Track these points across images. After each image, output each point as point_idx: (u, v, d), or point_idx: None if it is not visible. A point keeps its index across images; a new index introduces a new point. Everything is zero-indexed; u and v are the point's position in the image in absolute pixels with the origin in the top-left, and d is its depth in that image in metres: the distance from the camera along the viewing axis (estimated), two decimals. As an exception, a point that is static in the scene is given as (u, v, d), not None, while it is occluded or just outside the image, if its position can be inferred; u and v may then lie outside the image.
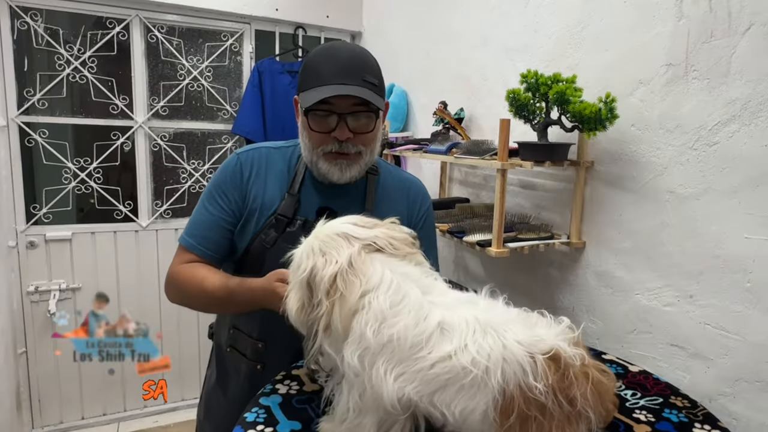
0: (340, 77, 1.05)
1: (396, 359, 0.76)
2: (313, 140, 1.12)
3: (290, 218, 1.14)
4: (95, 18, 2.45)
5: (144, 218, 2.65)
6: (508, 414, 0.73)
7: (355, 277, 0.81)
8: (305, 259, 0.86)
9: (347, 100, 1.06)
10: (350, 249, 0.83)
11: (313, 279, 0.83)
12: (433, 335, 0.77)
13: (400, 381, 0.75)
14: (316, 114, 1.08)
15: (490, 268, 1.92)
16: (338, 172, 1.12)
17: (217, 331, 1.33)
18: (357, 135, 1.10)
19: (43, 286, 2.47)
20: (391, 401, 0.75)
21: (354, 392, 0.80)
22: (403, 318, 0.77)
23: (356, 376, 0.78)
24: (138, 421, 2.71)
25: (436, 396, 0.75)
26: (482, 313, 0.81)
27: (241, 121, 2.65)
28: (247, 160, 1.18)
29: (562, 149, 1.43)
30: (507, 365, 0.74)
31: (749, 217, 1.09)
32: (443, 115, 2.03)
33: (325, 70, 1.06)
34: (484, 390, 0.74)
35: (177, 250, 1.19)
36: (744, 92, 1.09)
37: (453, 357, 0.75)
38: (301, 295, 0.85)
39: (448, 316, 0.79)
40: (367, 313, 0.78)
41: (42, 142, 2.40)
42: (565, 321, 0.84)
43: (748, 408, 1.11)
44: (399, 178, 1.31)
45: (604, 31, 1.42)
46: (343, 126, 1.08)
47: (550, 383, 0.74)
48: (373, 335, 0.76)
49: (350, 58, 1.09)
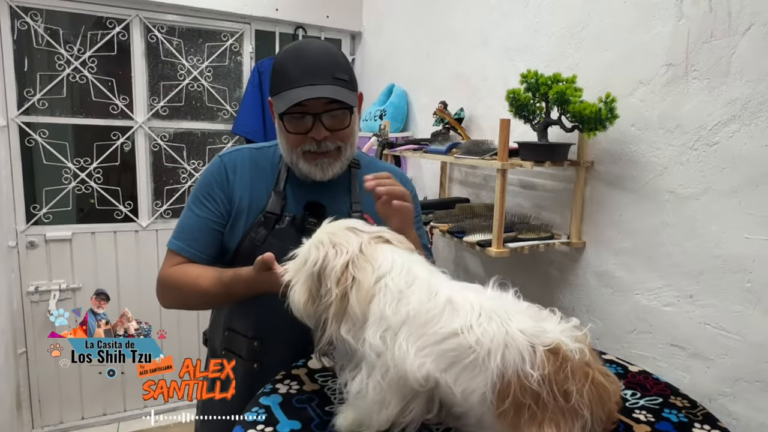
0: (310, 77, 1.06)
1: (415, 334, 0.79)
2: (291, 142, 1.13)
3: (279, 215, 1.15)
4: (95, 18, 2.45)
5: (144, 218, 2.65)
6: (504, 398, 0.76)
7: (367, 263, 0.84)
8: (314, 250, 0.87)
9: (320, 99, 1.07)
10: (360, 238, 0.88)
11: (323, 270, 0.85)
12: (444, 311, 0.80)
13: (421, 355, 0.78)
14: (291, 117, 1.09)
15: (490, 268, 1.92)
16: (320, 172, 1.14)
17: (211, 337, 1.32)
18: (334, 132, 1.11)
19: (43, 286, 2.47)
20: (413, 374, 0.78)
21: (375, 374, 0.82)
22: (416, 295, 0.81)
23: (378, 356, 0.80)
24: (138, 421, 2.72)
25: (447, 373, 0.78)
26: (488, 301, 0.83)
27: (241, 121, 2.65)
28: (231, 162, 1.19)
29: (562, 149, 1.43)
30: (508, 351, 0.76)
31: (749, 217, 1.09)
32: (443, 115, 2.03)
33: (295, 72, 1.07)
34: (484, 372, 0.77)
35: (166, 254, 1.19)
36: (744, 92, 1.09)
37: (460, 334, 0.78)
38: (309, 287, 0.86)
39: (455, 295, 0.83)
40: (385, 295, 0.82)
41: (42, 142, 2.40)
42: (574, 320, 0.85)
43: (748, 408, 1.11)
44: (381, 169, 1.32)
45: (604, 31, 1.42)
46: (318, 126, 1.09)
47: (547, 374, 0.75)
48: (392, 314, 0.80)
49: (318, 57, 1.09)
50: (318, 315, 0.85)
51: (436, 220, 1.81)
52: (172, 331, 2.63)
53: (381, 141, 2.28)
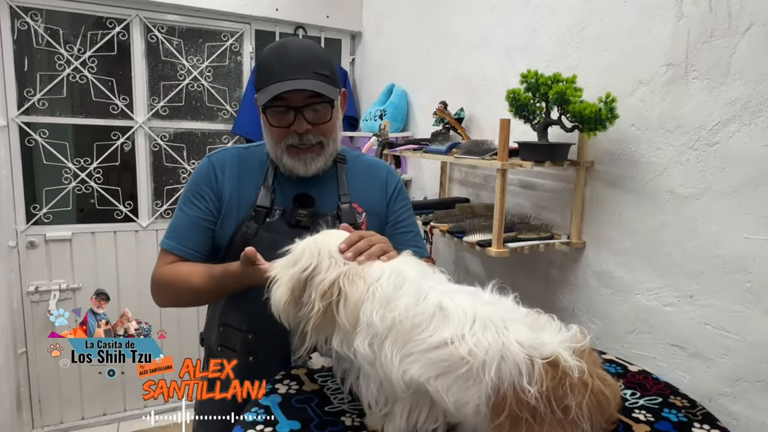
0: (292, 72, 1.09)
1: (400, 341, 0.77)
2: (274, 136, 1.16)
3: (269, 208, 1.17)
4: (95, 18, 2.45)
5: (144, 218, 2.65)
6: (500, 412, 0.73)
7: (360, 278, 0.83)
8: (308, 256, 0.87)
9: (300, 94, 1.10)
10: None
11: (310, 278, 0.84)
12: (434, 317, 0.78)
13: (405, 362, 0.76)
14: (273, 110, 1.12)
15: (490, 268, 1.92)
16: (303, 167, 1.16)
17: (207, 336, 1.33)
18: (315, 126, 1.14)
19: (43, 286, 2.47)
20: (398, 383, 0.76)
21: (372, 385, 0.82)
22: (403, 299, 0.79)
23: (371, 366, 0.80)
24: (138, 421, 2.72)
25: (438, 381, 0.76)
26: (483, 307, 0.80)
27: (241, 121, 2.65)
28: (219, 161, 1.22)
29: (562, 149, 1.43)
30: (504, 363, 0.73)
31: (749, 217, 1.09)
32: (443, 115, 2.03)
33: (277, 68, 1.10)
34: (478, 384, 0.74)
35: (159, 254, 1.21)
36: (744, 92, 1.09)
37: (450, 344, 0.75)
38: (293, 288, 0.86)
39: (446, 300, 0.80)
40: (372, 301, 0.80)
41: (42, 142, 2.40)
42: (575, 328, 0.82)
43: (748, 408, 1.10)
44: (367, 162, 1.35)
45: (604, 31, 1.42)
46: (300, 119, 1.12)
47: (545, 389, 0.72)
48: (380, 320, 0.78)
49: (300, 54, 1.12)
50: (296, 321, 0.85)
51: (436, 220, 1.81)
52: (172, 331, 2.63)
53: (381, 141, 2.28)
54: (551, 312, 0.87)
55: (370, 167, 1.32)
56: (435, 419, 0.81)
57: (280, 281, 0.88)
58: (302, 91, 1.09)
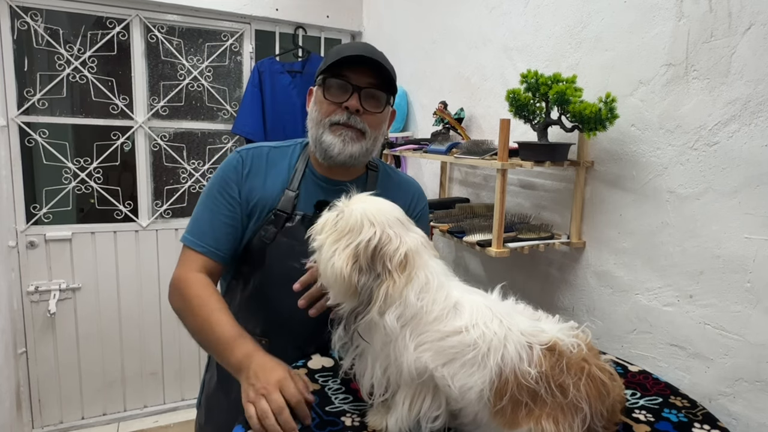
0: (367, 52, 1.13)
1: (419, 329, 0.81)
2: (323, 110, 1.14)
3: (289, 214, 1.15)
4: (95, 18, 2.45)
5: (144, 218, 2.65)
6: (501, 396, 0.78)
7: (420, 258, 0.86)
8: (368, 226, 0.84)
9: (364, 77, 1.12)
10: (415, 236, 0.88)
11: (379, 248, 0.83)
12: (451, 312, 0.83)
13: (419, 350, 0.80)
14: (332, 82, 1.13)
15: (490, 268, 1.92)
16: (340, 144, 1.13)
17: None
18: (366, 112, 1.14)
19: (43, 286, 2.47)
20: (409, 369, 0.80)
21: (378, 367, 0.84)
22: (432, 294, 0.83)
23: (384, 346, 0.82)
24: (138, 421, 2.72)
25: (446, 368, 0.80)
26: (493, 304, 0.87)
27: (241, 121, 2.65)
28: (248, 157, 1.20)
29: (562, 149, 1.43)
30: (507, 350, 0.79)
31: (749, 217, 1.09)
32: (443, 115, 2.03)
33: (352, 46, 1.16)
34: (483, 369, 0.78)
35: (182, 250, 1.16)
36: (744, 92, 1.09)
37: (463, 332, 0.80)
38: (356, 257, 0.83)
39: (463, 298, 0.86)
40: (416, 282, 0.83)
41: (42, 142, 2.40)
42: (571, 323, 0.88)
43: (748, 408, 1.11)
44: (398, 178, 1.35)
45: (604, 31, 1.42)
46: (355, 97, 1.12)
47: (543, 371, 0.77)
48: (415, 300, 0.82)
49: (371, 49, 1.17)
50: (362, 290, 0.82)
51: (436, 220, 1.81)
52: (172, 331, 2.60)
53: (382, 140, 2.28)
54: (551, 312, 0.89)
55: (400, 184, 1.32)
56: (438, 406, 0.84)
57: (338, 249, 0.84)
58: (367, 75, 1.12)
